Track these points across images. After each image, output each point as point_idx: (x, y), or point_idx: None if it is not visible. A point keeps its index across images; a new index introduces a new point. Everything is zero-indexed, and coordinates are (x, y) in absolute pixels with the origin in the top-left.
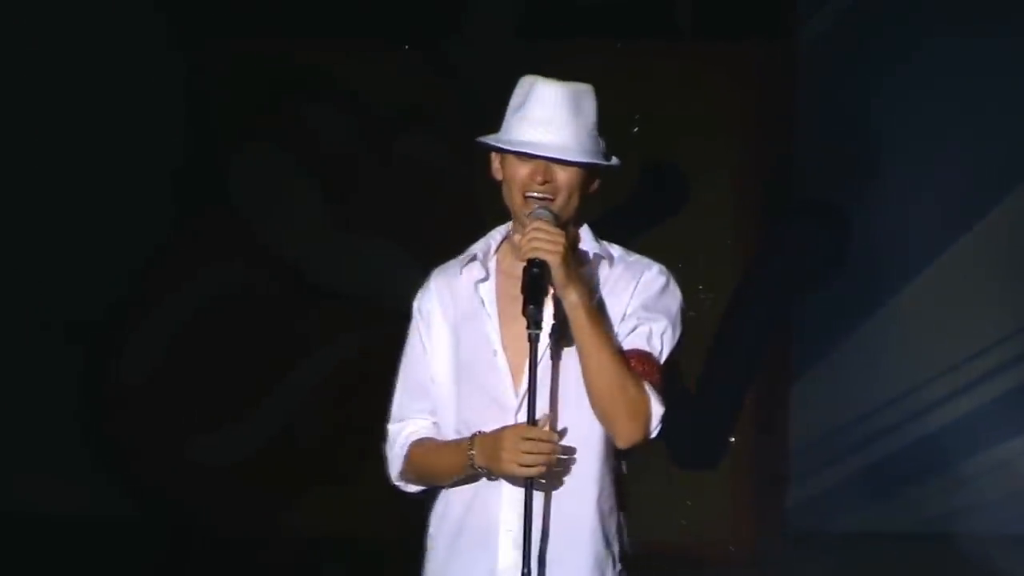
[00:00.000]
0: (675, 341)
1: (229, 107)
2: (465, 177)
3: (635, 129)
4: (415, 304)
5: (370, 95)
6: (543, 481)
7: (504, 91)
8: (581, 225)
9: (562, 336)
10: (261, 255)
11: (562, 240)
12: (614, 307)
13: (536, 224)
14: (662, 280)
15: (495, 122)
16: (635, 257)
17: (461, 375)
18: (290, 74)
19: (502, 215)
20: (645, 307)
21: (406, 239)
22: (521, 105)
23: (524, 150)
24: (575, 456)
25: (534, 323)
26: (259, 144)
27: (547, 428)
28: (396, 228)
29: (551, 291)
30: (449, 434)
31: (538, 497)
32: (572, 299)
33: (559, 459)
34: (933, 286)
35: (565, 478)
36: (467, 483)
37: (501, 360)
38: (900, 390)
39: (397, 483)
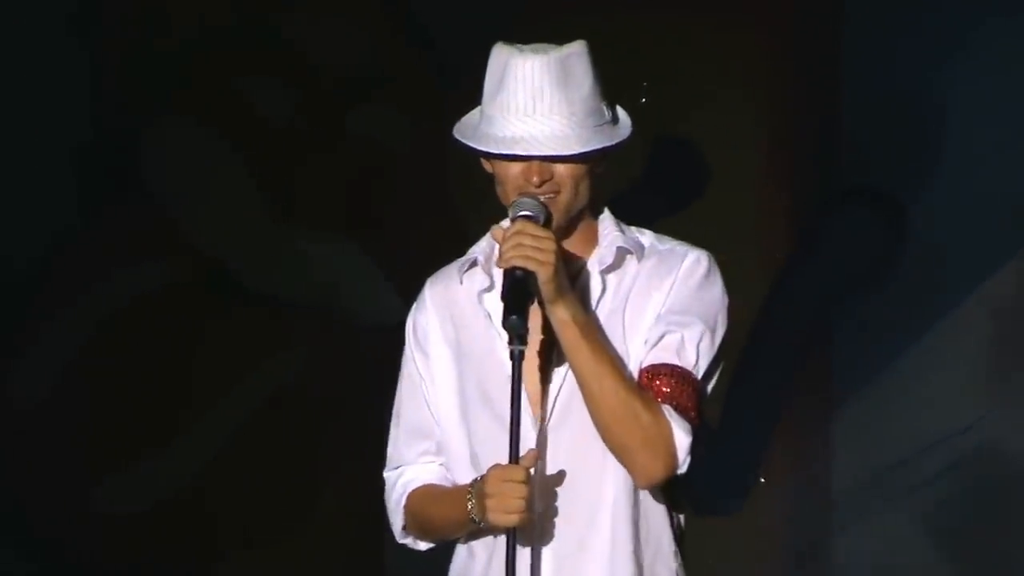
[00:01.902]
0: (715, 348)
1: (141, 75)
2: (434, 160)
3: (643, 100)
4: (408, 323)
5: (317, 58)
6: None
7: (484, 55)
8: (599, 211)
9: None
10: (183, 254)
11: (552, 247)
12: (646, 309)
13: (518, 227)
14: (700, 271)
15: (473, 95)
16: (669, 244)
17: (470, 402)
18: (215, 33)
19: (479, 206)
20: (675, 309)
21: (361, 235)
22: (498, 88)
23: (509, 151)
24: (593, 499)
25: (517, 337)
26: (179, 119)
27: (530, 466)
28: (348, 222)
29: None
30: (462, 473)
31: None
32: (561, 315)
33: (558, 505)
34: (1003, 295)
35: (580, 527)
36: (486, 533)
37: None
38: (965, 420)
39: (403, 541)
